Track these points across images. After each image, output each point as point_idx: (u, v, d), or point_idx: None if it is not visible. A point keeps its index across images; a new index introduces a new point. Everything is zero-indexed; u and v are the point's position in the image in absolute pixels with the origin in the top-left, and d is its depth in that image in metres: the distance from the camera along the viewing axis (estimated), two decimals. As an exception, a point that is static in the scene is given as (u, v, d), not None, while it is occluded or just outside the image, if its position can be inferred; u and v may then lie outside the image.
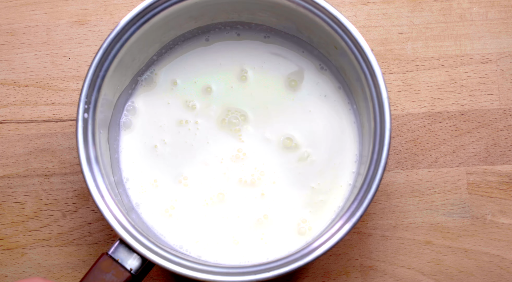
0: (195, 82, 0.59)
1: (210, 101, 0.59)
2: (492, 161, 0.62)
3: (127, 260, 0.51)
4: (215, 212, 0.58)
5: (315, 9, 0.53)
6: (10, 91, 0.63)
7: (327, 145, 0.58)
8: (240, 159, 0.58)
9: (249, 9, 0.57)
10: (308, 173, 0.58)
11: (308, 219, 0.57)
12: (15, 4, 0.64)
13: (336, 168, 0.58)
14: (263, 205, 0.58)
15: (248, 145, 0.58)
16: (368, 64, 0.53)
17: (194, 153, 0.58)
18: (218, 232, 0.57)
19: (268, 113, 0.59)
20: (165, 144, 0.58)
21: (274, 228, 0.57)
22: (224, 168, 0.58)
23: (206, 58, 0.60)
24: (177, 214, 0.58)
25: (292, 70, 0.59)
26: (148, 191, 0.58)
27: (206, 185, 0.58)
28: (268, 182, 0.58)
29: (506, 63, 0.63)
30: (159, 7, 0.54)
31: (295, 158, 0.58)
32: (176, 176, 0.58)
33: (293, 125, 0.59)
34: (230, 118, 0.59)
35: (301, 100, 0.59)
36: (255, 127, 0.59)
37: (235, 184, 0.58)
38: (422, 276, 0.61)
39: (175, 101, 0.59)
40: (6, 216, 0.62)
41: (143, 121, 0.59)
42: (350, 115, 0.59)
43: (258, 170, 0.58)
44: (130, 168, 0.58)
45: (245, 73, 0.59)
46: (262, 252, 0.57)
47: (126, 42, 0.54)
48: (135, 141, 0.58)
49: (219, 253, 0.57)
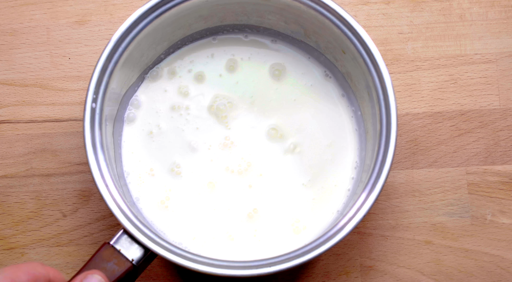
0: (190, 71, 0.60)
1: (202, 88, 0.60)
2: (492, 161, 0.62)
3: (129, 250, 0.51)
4: (207, 203, 0.58)
5: (325, 11, 0.54)
6: (10, 91, 0.63)
7: (317, 140, 0.59)
8: (227, 147, 0.59)
9: (258, 11, 0.58)
10: (297, 169, 0.58)
11: (301, 218, 0.58)
12: (15, 4, 0.64)
13: (329, 165, 0.58)
14: (252, 198, 0.58)
15: (235, 133, 0.59)
16: (376, 66, 0.53)
17: (185, 138, 0.59)
18: (213, 227, 0.58)
19: (253, 101, 0.59)
20: (160, 129, 0.59)
21: (267, 225, 0.58)
22: (212, 154, 0.59)
23: (204, 51, 0.61)
24: (173, 205, 0.58)
25: (276, 61, 0.60)
26: (146, 182, 0.58)
27: (196, 173, 0.59)
28: (255, 174, 0.59)
29: (506, 63, 0.63)
30: (171, 2, 0.55)
31: (282, 150, 0.59)
32: (170, 164, 0.59)
33: (279, 116, 0.59)
34: (218, 104, 0.60)
35: (286, 91, 0.60)
36: (242, 115, 0.59)
37: (223, 172, 0.59)
38: (422, 276, 0.61)
39: (171, 88, 0.60)
40: (6, 216, 0.62)
41: (144, 112, 0.60)
42: (352, 122, 0.59)
43: (245, 160, 0.59)
44: (130, 160, 0.59)
45: (233, 63, 0.60)
46: (257, 249, 0.57)
47: (136, 36, 0.55)
48: (135, 131, 0.60)
49: (217, 249, 0.57)
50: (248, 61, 0.60)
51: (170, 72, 0.60)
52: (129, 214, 0.52)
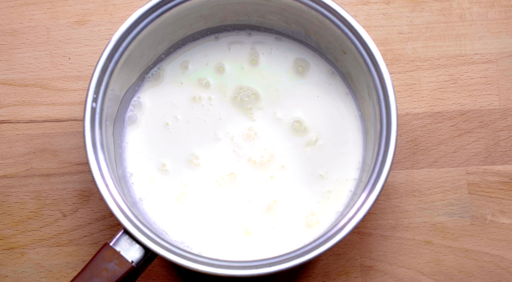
0: (207, 64, 0.60)
1: (223, 80, 0.60)
2: (492, 161, 0.62)
3: (130, 250, 0.51)
4: (227, 196, 0.58)
5: (326, 11, 0.54)
6: (10, 91, 0.63)
7: (335, 133, 0.59)
8: (251, 138, 0.59)
9: (259, 11, 0.58)
10: (316, 159, 0.58)
11: (317, 212, 0.58)
12: (15, 4, 0.64)
13: (343, 158, 0.58)
14: (272, 190, 0.58)
15: (259, 124, 0.59)
16: (376, 66, 0.54)
17: (207, 129, 0.59)
18: (231, 221, 0.58)
19: (278, 94, 0.59)
20: (178, 120, 0.59)
21: (284, 217, 0.58)
22: (235, 145, 0.59)
23: (215, 48, 0.61)
24: (188, 201, 0.58)
25: (297, 56, 0.60)
26: (157, 180, 0.58)
27: (217, 164, 0.59)
28: (277, 165, 0.59)
29: (506, 63, 0.63)
30: (171, 2, 0.55)
31: (303, 142, 0.59)
32: (188, 156, 0.59)
33: (302, 109, 0.59)
34: (242, 96, 0.60)
35: (310, 85, 0.60)
36: (266, 107, 0.59)
37: (245, 164, 0.59)
38: (422, 276, 0.61)
39: (188, 81, 0.60)
40: (6, 216, 0.62)
41: (150, 111, 0.59)
42: (357, 120, 0.59)
43: (268, 151, 0.59)
44: (136, 160, 0.58)
45: (256, 57, 0.60)
46: (274, 243, 0.57)
47: (137, 36, 0.55)
48: (143, 130, 0.59)
49: (229, 247, 0.57)
50: (269, 56, 0.60)
51: (182, 66, 0.60)
52: (129, 214, 0.52)
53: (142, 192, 0.58)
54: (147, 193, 0.58)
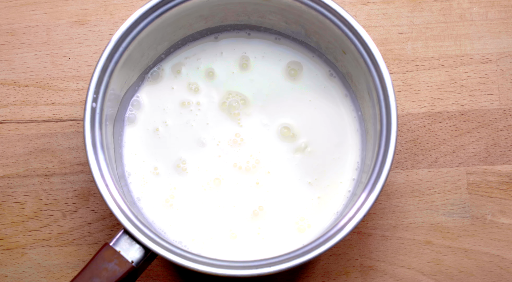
0: (198, 68, 0.60)
1: (213, 84, 0.60)
2: (492, 161, 0.62)
3: (130, 250, 0.51)
4: (212, 200, 0.58)
5: (326, 11, 0.54)
6: (10, 91, 0.63)
7: (327, 139, 0.59)
8: (237, 144, 0.59)
9: (259, 11, 0.58)
10: (305, 167, 0.58)
11: (306, 216, 0.58)
12: (15, 4, 0.64)
13: (335, 164, 0.58)
14: (258, 196, 0.58)
15: (246, 130, 0.59)
16: (376, 66, 0.54)
17: (194, 134, 0.59)
18: (217, 224, 0.58)
19: (267, 100, 0.59)
20: (167, 126, 0.59)
21: (271, 223, 0.58)
22: (220, 150, 0.59)
23: (209, 49, 0.61)
24: (177, 203, 0.58)
25: (291, 59, 0.60)
26: (150, 182, 0.58)
27: (203, 169, 0.59)
28: (263, 171, 0.59)
29: (506, 63, 0.63)
30: (171, 2, 0.55)
31: (292, 148, 0.59)
32: (176, 161, 0.59)
33: (291, 115, 0.59)
34: (231, 101, 0.60)
35: (301, 90, 0.60)
36: (254, 113, 0.59)
37: (230, 168, 0.59)
38: (422, 276, 0.61)
39: (178, 86, 0.60)
40: (6, 216, 0.62)
41: (147, 111, 0.60)
42: (355, 122, 0.59)
43: (254, 157, 0.59)
44: (132, 160, 0.59)
45: (247, 61, 0.60)
46: (260, 248, 0.57)
47: (137, 36, 0.55)
48: (138, 131, 0.59)
49: (220, 247, 0.57)
50: (261, 60, 0.60)
51: (175, 70, 0.60)
52: (129, 214, 0.52)
53: (138, 192, 0.58)
54: (141, 193, 0.58)
